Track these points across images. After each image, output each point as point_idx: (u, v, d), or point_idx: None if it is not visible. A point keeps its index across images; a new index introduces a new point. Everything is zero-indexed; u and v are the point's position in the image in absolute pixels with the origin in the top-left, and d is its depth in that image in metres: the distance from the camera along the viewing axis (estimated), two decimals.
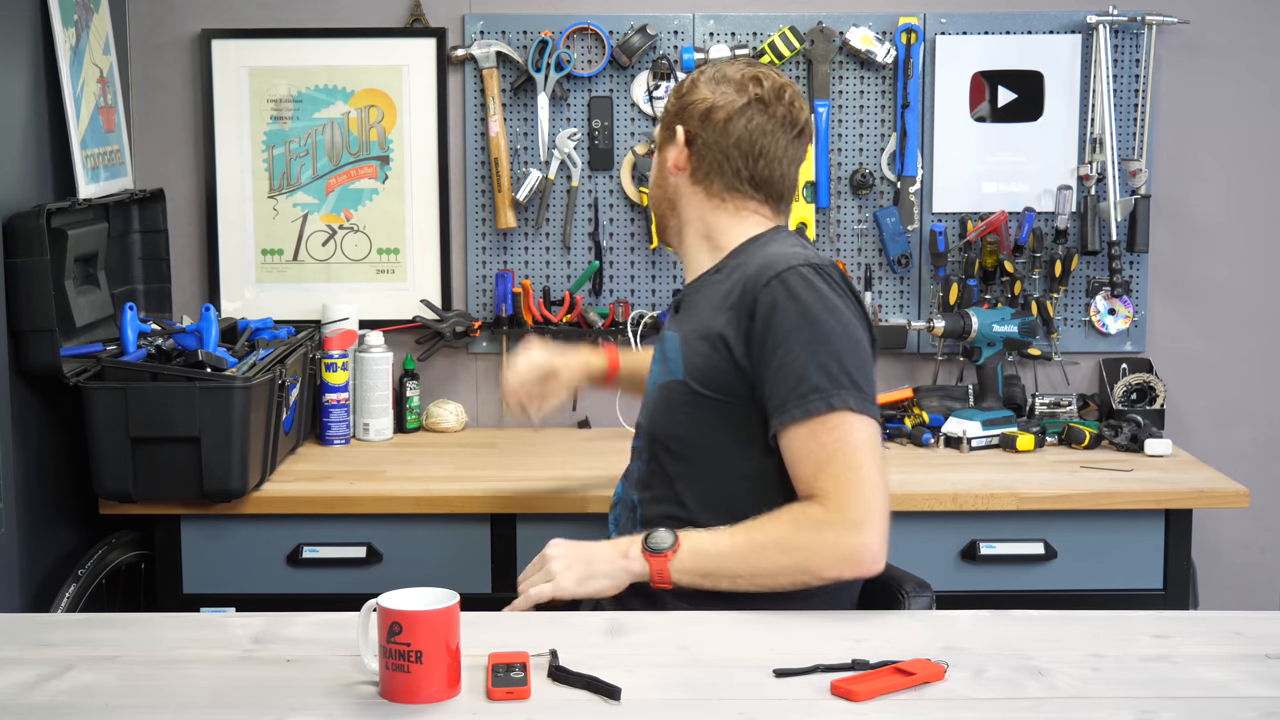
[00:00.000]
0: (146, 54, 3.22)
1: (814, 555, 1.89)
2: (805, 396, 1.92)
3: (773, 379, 1.95)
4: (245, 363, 2.71)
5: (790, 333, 1.94)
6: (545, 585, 1.93)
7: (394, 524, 2.71)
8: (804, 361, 1.93)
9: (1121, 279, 3.19)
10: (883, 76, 3.22)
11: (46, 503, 2.65)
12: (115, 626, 1.84)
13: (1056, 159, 3.24)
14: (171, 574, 2.71)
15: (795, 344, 1.94)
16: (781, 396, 1.93)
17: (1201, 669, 1.66)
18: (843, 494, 1.89)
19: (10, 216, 2.50)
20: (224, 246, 3.25)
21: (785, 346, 1.94)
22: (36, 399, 2.61)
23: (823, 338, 1.94)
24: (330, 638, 1.75)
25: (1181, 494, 2.71)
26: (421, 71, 3.22)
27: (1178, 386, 3.28)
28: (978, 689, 1.60)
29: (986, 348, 3.09)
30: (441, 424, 3.22)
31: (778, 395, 1.94)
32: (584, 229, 3.25)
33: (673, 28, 3.21)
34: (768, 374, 1.95)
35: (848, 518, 1.88)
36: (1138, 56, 3.20)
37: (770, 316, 1.95)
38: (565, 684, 1.60)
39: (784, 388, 1.93)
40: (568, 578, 1.93)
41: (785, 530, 1.91)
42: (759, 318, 1.96)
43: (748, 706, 1.55)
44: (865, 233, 3.25)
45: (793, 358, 1.93)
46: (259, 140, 3.22)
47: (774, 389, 1.95)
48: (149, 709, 1.56)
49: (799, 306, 1.95)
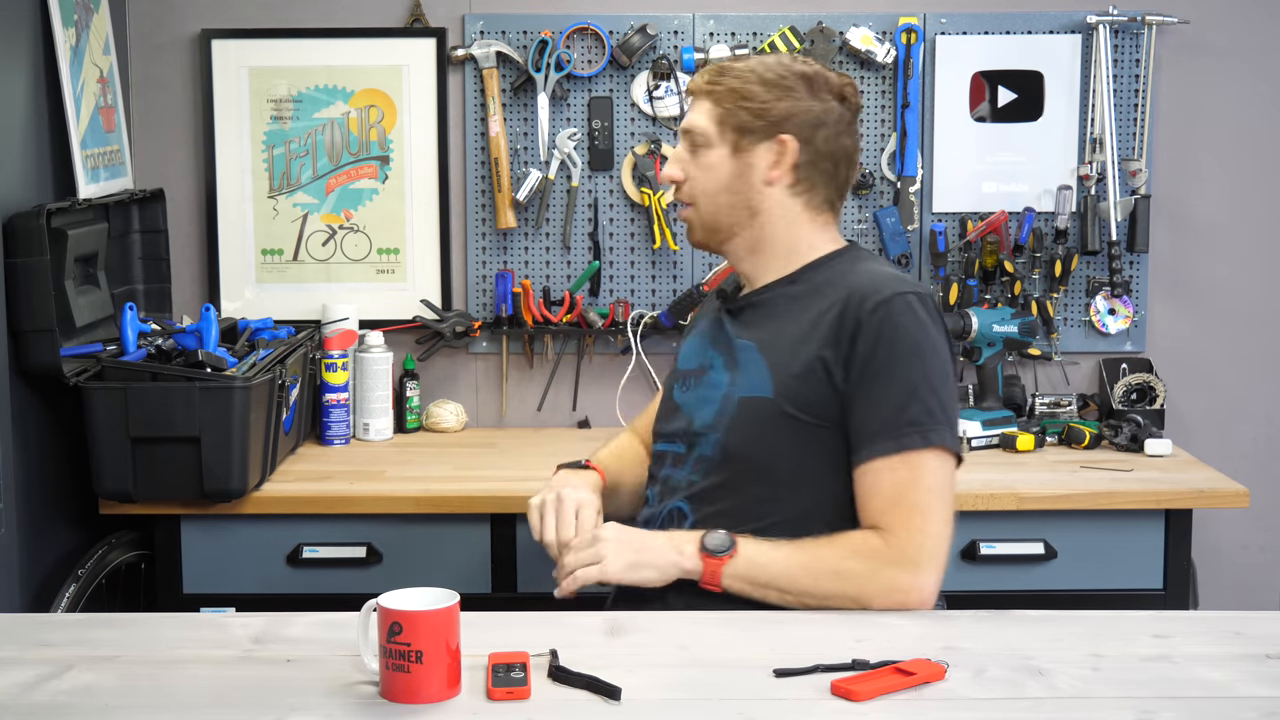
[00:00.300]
0: (146, 54, 3.22)
1: (866, 587, 1.88)
2: (901, 430, 1.91)
3: (868, 407, 1.93)
4: (245, 363, 2.71)
5: (893, 362, 1.93)
6: (593, 568, 1.91)
7: (394, 524, 2.71)
8: (904, 394, 1.92)
9: (1121, 279, 3.19)
10: (883, 76, 3.22)
11: (46, 503, 2.65)
12: (115, 626, 1.84)
13: (1056, 159, 3.24)
14: (171, 574, 2.71)
15: (897, 374, 1.92)
16: (875, 427, 1.92)
17: (1201, 669, 1.66)
18: (907, 531, 1.90)
19: (10, 216, 2.50)
20: (224, 246, 3.25)
21: (886, 376, 1.92)
22: (36, 399, 2.61)
23: (923, 371, 1.93)
24: (330, 638, 1.75)
25: (1181, 494, 2.71)
26: (421, 71, 3.22)
27: (1178, 386, 3.28)
28: (978, 689, 1.60)
29: (986, 348, 3.09)
30: (441, 424, 3.22)
31: (871, 425, 1.92)
32: (584, 229, 3.25)
33: (673, 28, 3.21)
34: (862, 401, 1.93)
35: (906, 555, 1.89)
36: (1138, 56, 3.20)
37: (875, 343, 1.93)
38: (565, 684, 1.60)
39: (878, 419, 1.92)
40: (616, 562, 1.91)
41: (842, 557, 1.90)
42: (862, 343, 1.93)
43: (748, 706, 1.55)
44: (865, 233, 3.25)
45: (893, 389, 1.92)
46: (259, 140, 3.22)
47: (867, 418, 1.93)
48: (149, 709, 1.56)
49: (904, 336, 1.93)
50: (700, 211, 2.10)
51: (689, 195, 2.10)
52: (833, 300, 1.98)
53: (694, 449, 2.06)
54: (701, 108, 2.07)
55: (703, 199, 2.09)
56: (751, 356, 2.03)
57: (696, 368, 2.13)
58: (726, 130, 2.05)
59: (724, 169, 2.06)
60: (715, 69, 2.09)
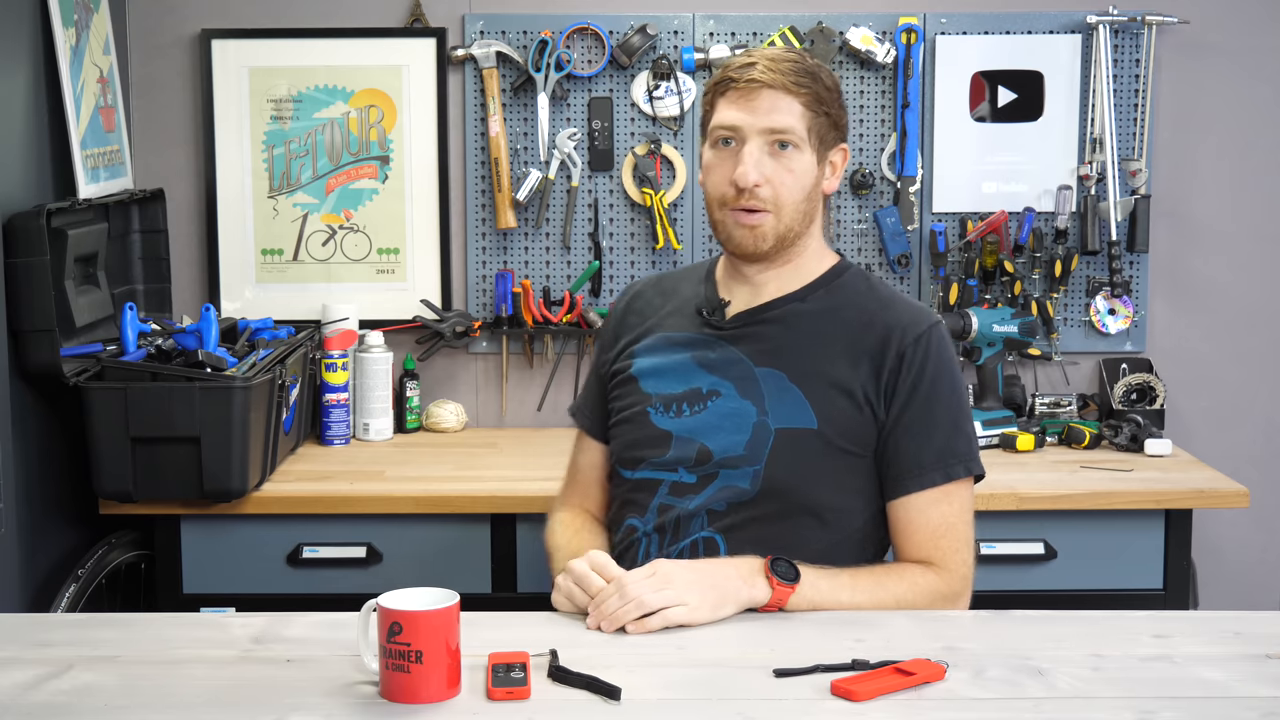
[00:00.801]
0: (146, 54, 3.22)
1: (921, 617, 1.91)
2: (949, 462, 1.96)
3: (917, 440, 1.95)
4: (245, 363, 2.71)
5: (939, 396, 1.96)
6: (680, 609, 1.76)
7: (394, 524, 2.71)
8: (951, 426, 1.96)
9: (1121, 279, 3.19)
10: (883, 76, 3.22)
11: (46, 503, 2.65)
12: (115, 626, 1.84)
13: (1056, 159, 3.24)
14: (171, 574, 2.71)
15: (943, 407, 1.96)
16: (927, 460, 1.95)
17: (1201, 669, 1.66)
18: (955, 564, 1.97)
19: (10, 216, 2.50)
20: (224, 246, 3.25)
21: (935, 409, 1.96)
22: (36, 399, 2.61)
23: (960, 402, 2.00)
24: (330, 638, 1.75)
25: (1181, 494, 2.71)
26: (421, 71, 3.22)
27: (1178, 386, 3.28)
28: (978, 689, 1.60)
29: (986, 348, 3.09)
30: (441, 424, 3.22)
31: (922, 458, 1.95)
32: (584, 229, 3.25)
33: (673, 28, 3.21)
34: (909, 434, 1.95)
35: (954, 589, 1.96)
36: (1138, 56, 3.20)
37: (919, 377, 1.96)
38: (565, 684, 1.60)
39: (930, 452, 1.95)
40: (703, 607, 1.78)
41: (905, 591, 1.92)
42: (906, 376, 1.95)
43: (748, 706, 1.55)
44: (865, 233, 3.25)
45: (939, 421, 1.96)
46: (259, 140, 3.22)
47: (917, 451, 1.95)
48: (149, 709, 1.56)
49: (946, 369, 1.98)
50: (782, 218, 1.98)
51: (772, 200, 1.97)
52: (863, 327, 1.99)
53: (715, 478, 2.00)
54: (789, 107, 1.96)
55: (788, 205, 1.98)
56: (782, 385, 1.98)
57: (686, 392, 2.04)
58: (812, 135, 1.98)
59: (809, 175, 1.99)
60: (788, 62, 1.98)
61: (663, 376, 2.07)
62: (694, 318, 2.09)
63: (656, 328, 2.13)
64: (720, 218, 2.02)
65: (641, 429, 2.06)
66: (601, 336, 2.24)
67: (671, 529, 2.00)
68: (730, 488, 1.99)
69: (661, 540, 2.01)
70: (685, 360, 2.06)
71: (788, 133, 1.95)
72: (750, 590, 1.82)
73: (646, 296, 2.19)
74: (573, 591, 1.84)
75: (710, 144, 2.02)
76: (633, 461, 2.07)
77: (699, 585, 1.79)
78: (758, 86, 1.96)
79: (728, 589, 1.81)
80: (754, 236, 1.99)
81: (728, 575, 1.82)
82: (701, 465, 2.00)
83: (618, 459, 2.11)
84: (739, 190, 1.97)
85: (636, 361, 2.11)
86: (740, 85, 1.97)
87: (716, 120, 2.00)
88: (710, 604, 1.79)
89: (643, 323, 2.15)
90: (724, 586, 1.81)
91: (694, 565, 1.84)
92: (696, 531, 1.99)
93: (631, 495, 2.06)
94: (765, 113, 1.96)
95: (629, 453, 2.08)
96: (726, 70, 2.00)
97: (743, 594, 1.82)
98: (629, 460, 2.08)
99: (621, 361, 2.14)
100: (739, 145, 1.98)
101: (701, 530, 1.99)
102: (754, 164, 1.96)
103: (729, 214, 2.00)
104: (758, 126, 1.96)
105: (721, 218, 2.02)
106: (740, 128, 1.97)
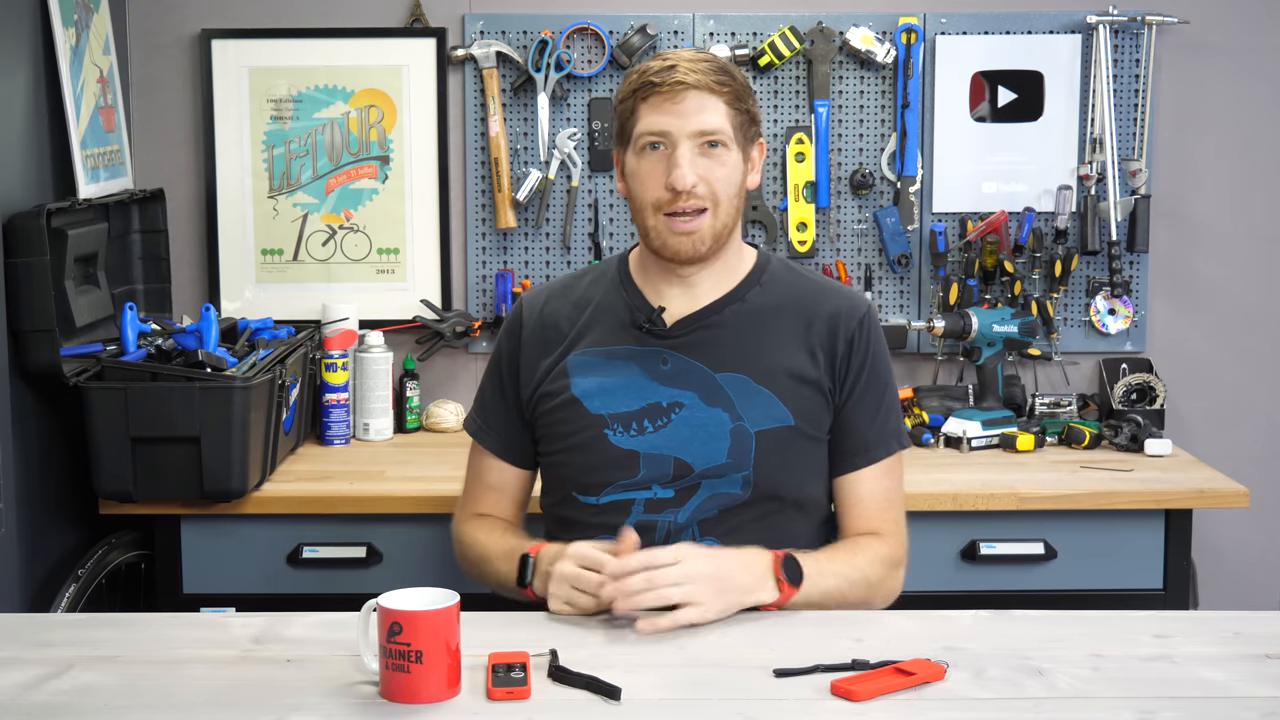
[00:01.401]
0: (146, 54, 3.22)
1: (880, 590, 1.99)
2: (888, 438, 2.05)
3: (863, 419, 2.03)
4: (245, 363, 2.71)
5: (879, 375, 2.06)
6: (691, 610, 1.75)
7: (394, 524, 2.71)
8: (889, 403, 2.06)
9: (1121, 279, 3.19)
10: (883, 76, 3.22)
11: (46, 503, 2.65)
12: (115, 626, 1.84)
13: (1056, 159, 3.24)
14: (171, 574, 2.71)
15: (883, 386, 2.06)
16: (871, 438, 2.04)
17: (1201, 669, 1.66)
18: (899, 534, 2.05)
19: (10, 216, 2.50)
20: (224, 246, 3.25)
21: (877, 388, 2.05)
22: (36, 399, 2.61)
23: (892, 380, 2.09)
24: (330, 638, 1.75)
25: (1181, 494, 2.71)
26: (421, 71, 3.22)
27: (1178, 386, 3.28)
28: (978, 689, 1.60)
29: (986, 348, 3.08)
30: (441, 424, 3.22)
31: (868, 436, 2.03)
32: (584, 229, 3.25)
33: (673, 28, 3.21)
34: (857, 413, 2.03)
35: (900, 555, 2.03)
36: (1138, 56, 3.20)
37: (865, 359, 2.03)
38: (565, 684, 1.60)
39: (875, 429, 2.04)
40: (714, 607, 1.77)
41: (869, 566, 1.97)
42: (855, 358, 2.03)
43: (748, 706, 1.55)
44: (865, 233, 3.25)
45: (884, 400, 2.06)
46: (259, 140, 3.22)
47: (863, 429, 2.03)
48: (149, 709, 1.56)
49: (883, 348, 2.08)
50: (719, 216, 1.98)
51: (710, 198, 1.96)
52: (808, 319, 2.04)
53: (698, 489, 1.99)
54: (714, 106, 1.95)
55: (724, 204, 1.97)
56: (748, 388, 2.00)
57: (644, 408, 2.00)
58: (737, 131, 1.98)
59: (739, 171, 1.99)
60: (709, 63, 1.96)
61: (611, 395, 2.02)
62: (626, 328, 2.05)
63: (580, 342, 2.07)
64: (654, 224, 1.99)
65: (601, 453, 2.01)
66: (507, 355, 2.13)
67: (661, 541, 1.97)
68: (720, 495, 1.99)
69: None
70: (634, 374, 2.02)
71: (717, 132, 1.95)
72: (759, 592, 1.82)
73: (554, 308, 2.11)
74: (572, 596, 1.81)
75: (635, 150, 1.99)
76: (596, 486, 2.02)
77: (716, 585, 1.77)
78: (683, 89, 1.94)
79: (740, 590, 1.81)
80: (692, 242, 1.98)
81: (742, 576, 1.82)
82: (680, 480, 1.99)
83: (577, 485, 2.04)
84: (676, 193, 1.95)
85: (575, 381, 2.04)
86: (664, 89, 1.94)
87: (643, 126, 1.97)
88: (722, 605, 1.78)
89: (562, 339, 2.08)
90: (738, 587, 1.80)
91: (714, 559, 1.81)
92: (691, 540, 1.98)
93: (598, 519, 2.01)
94: (694, 114, 1.94)
95: (590, 478, 2.02)
96: (645, 75, 1.97)
97: (751, 596, 1.82)
98: (591, 486, 2.02)
99: (550, 384, 2.06)
100: (670, 149, 1.95)
101: (698, 540, 1.98)
102: (689, 165, 1.94)
103: (663, 220, 1.97)
104: (687, 129, 1.94)
105: (655, 224, 1.98)
106: (669, 132, 1.95)
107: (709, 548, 1.86)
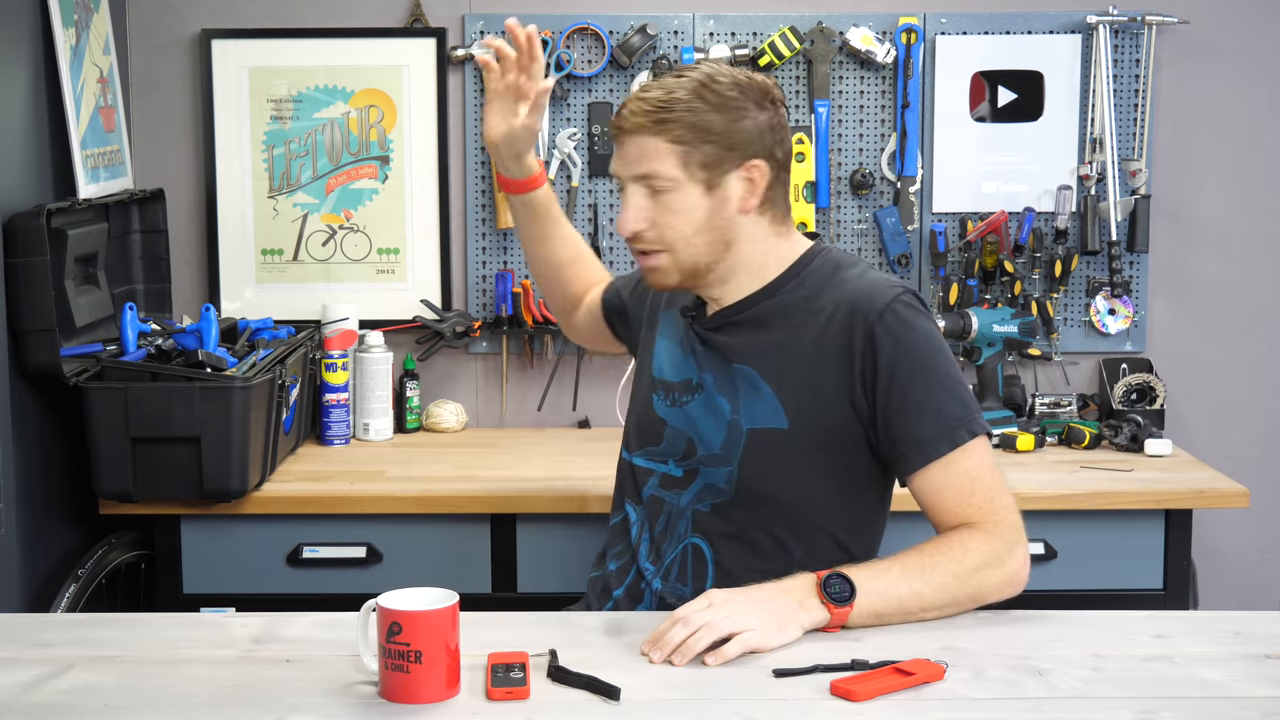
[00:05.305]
0: (146, 54, 3.22)
1: (985, 583, 1.84)
2: (951, 430, 1.89)
3: (912, 416, 1.89)
4: (245, 363, 2.71)
5: (918, 368, 1.89)
6: (752, 635, 1.70)
7: (394, 524, 2.71)
8: (939, 395, 1.90)
9: (1121, 279, 3.19)
10: (883, 76, 3.22)
11: (46, 503, 2.65)
12: (115, 626, 1.84)
13: (1056, 159, 3.24)
14: (171, 574, 2.71)
15: (926, 378, 1.90)
16: (926, 434, 1.89)
17: (1201, 669, 1.66)
18: (996, 517, 1.88)
19: (10, 216, 2.50)
20: (224, 246, 3.25)
21: (917, 383, 1.89)
22: (36, 399, 2.61)
23: (944, 367, 1.92)
24: (330, 638, 1.75)
25: (1181, 494, 2.71)
26: (421, 71, 3.22)
27: (1178, 386, 3.28)
28: (977, 689, 1.60)
29: (986, 348, 3.09)
30: (441, 424, 3.22)
31: (922, 433, 1.89)
32: (584, 229, 3.25)
33: (673, 28, 3.21)
34: (902, 413, 1.89)
35: (1006, 540, 1.87)
36: (1138, 56, 3.20)
37: (894, 354, 1.89)
38: (565, 684, 1.60)
39: (929, 425, 1.89)
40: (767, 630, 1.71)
41: (956, 562, 1.84)
42: (880, 356, 1.89)
43: (747, 706, 1.55)
44: (865, 233, 3.25)
45: (929, 394, 1.89)
46: (259, 140, 3.22)
47: (911, 428, 1.89)
48: (149, 709, 1.56)
49: (918, 338, 1.90)
50: (678, 257, 1.94)
51: (660, 242, 1.94)
52: (829, 317, 1.93)
53: (698, 475, 2.00)
54: (654, 149, 1.90)
55: (680, 245, 1.93)
56: (754, 383, 1.96)
57: (680, 382, 2.04)
58: (693, 169, 1.90)
59: (700, 210, 1.92)
60: (651, 101, 1.90)
61: (666, 363, 2.10)
62: (680, 315, 2.09)
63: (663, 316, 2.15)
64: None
65: (645, 413, 2.10)
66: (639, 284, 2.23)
67: (662, 525, 2.03)
68: (710, 487, 1.99)
69: (653, 533, 2.04)
70: (683, 348, 2.07)
71: (655, 178, 1.90)
72: (808, 614, 1.76)
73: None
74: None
75: None
76: (634, 444, 2.12)
77: (757, 610, 1.73)
78: (620, 134, 1.94)
79: (784, 613, 1.75)
80: (657, 276, 1.99)
81: (781, 599, 1.77)
82: (687, 460, 2.02)
83: (624, 436, 2.16)
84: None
85: (658, 338, 2.13)
86: (613, 132, 1.96)
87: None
88: (773, 628, 1.72)
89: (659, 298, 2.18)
90: (780, 611, 1.75)
91: (745, 591, 1.78)
92: (685, 535, 2.00)
93: (629, 478, 2.11)
94: (634, 160, 1.92)
95: (632, 434, 2.13)
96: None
97: (801, 617, 1.75)
98: (631, 442, 2.13)
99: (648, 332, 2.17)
100: (623, 192, 1.96)
101: (690, 535, 2.00)
102: (633, 211, 1.93)
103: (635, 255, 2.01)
104: (629, 174, 1.94)
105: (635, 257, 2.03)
106: (618, 175, 1.96)
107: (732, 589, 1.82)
